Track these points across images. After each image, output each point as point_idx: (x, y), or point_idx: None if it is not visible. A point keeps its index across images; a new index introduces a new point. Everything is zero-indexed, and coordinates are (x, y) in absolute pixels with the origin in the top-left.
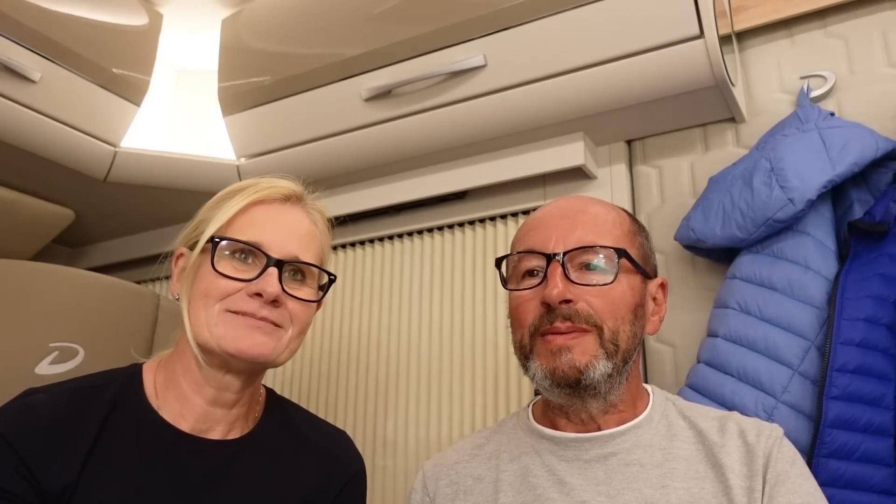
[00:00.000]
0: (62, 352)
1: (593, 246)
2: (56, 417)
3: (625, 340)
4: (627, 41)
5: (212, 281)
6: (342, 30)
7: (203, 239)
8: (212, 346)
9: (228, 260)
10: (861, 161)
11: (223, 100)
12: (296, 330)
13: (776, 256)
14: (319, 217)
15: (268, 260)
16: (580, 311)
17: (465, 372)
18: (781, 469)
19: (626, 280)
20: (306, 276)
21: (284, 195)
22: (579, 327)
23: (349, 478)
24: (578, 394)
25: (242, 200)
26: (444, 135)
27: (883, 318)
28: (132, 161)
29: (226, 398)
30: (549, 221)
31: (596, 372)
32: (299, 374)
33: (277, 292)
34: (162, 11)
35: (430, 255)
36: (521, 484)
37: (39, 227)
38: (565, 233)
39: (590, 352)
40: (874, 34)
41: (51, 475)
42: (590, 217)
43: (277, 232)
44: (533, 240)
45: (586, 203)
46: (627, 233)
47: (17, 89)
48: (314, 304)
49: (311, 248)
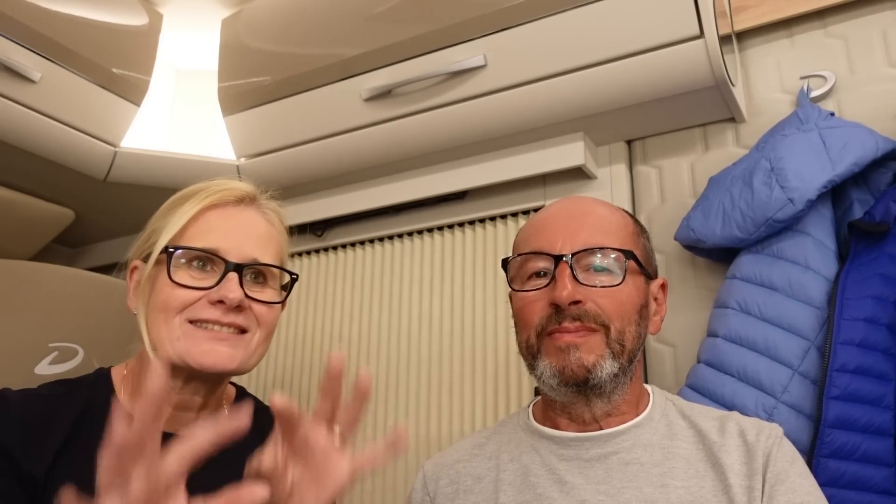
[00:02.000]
0: (62, 352)
1: (602, 248)
2: (28, 415)
3: (630, 340)
4: (627, 41)
5: (170, 293)
6: (342, 30)
7: (157, 250)
8: (175, 361)
9: (185, 269)
10: (861, 161)
11: (223, 100)
12: (262, 333)
13: (776, 256)
14: (275, 217)
15: (226, 265)
16: (589, 311)
17: (465, 372)
18: (781, 468)
19: (633, 281)
20: (267, 278)
21: (238, 197)
22: (588, 326)
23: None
24: (584, 393)
25: (195, 206)
26: (444, 135)
27: (883, 318)
28: (132, 161)
29: (193, 402)
30: (554, 223)
31: (603, 371)
32: (298, 375)
33: (240, 297)
34: (162, 11)
35: (430, 255)
36: (521, 483)
37: (39, 227)
38: (572, 234)
39: (597, 350)
40: (874, 34)
41: (27, 467)
42: (596, 219)
43: (233, 236)
44: (539, 241)
45: (591, 204)
46: (632, 234)
47: (17, 89)
48: (279, 305)
49: (269, 249)
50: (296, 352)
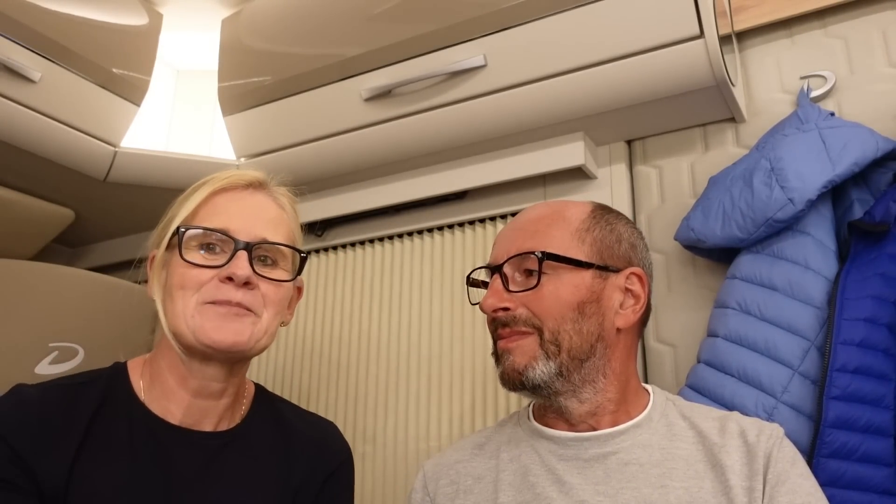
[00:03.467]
0: (62, 352)
1: (520, 253)
2: (46, 412)
3: (567, 339)
4: (627, 41)
5: (183, 272)
6: (342, 30)
7: (169, 233)
8: (189, 339)
9: (197, 250)
10: (861, 161)
11: (223, 100)
12: (270, 313)
13: (776, 256)
14: (286, 200)
15: (236, 244)
16: (518, 315)
17: (464, 372)
18: (782, 469)
19: (558, 279)
20: (278, 260)
21: (247, 182)
22: (518, 330)
23: (336, 466)
24: (535, 394)
25: (205, 191)
26: (444, 135)
27: (883, 317)
28: (132, 161)
29: (211, 388)
30: (501, 236)
31: (535, 372)
32: (298, 375)
33: (248, 274)
34: (162, 11)
35: (430, 255)
36: (520, 483)
37: (39, 227)
38: (508, 244)
39: (529, 353)
40: (874, 34)
41: (44, 468)
42: (530, 222)
43: (243, 217)
44: (491, 256)
45: (537, 209)
46: (575, 231)
47: (17, 89)
48: (289, 285)
49: (280, 230)
50: (295, 351)
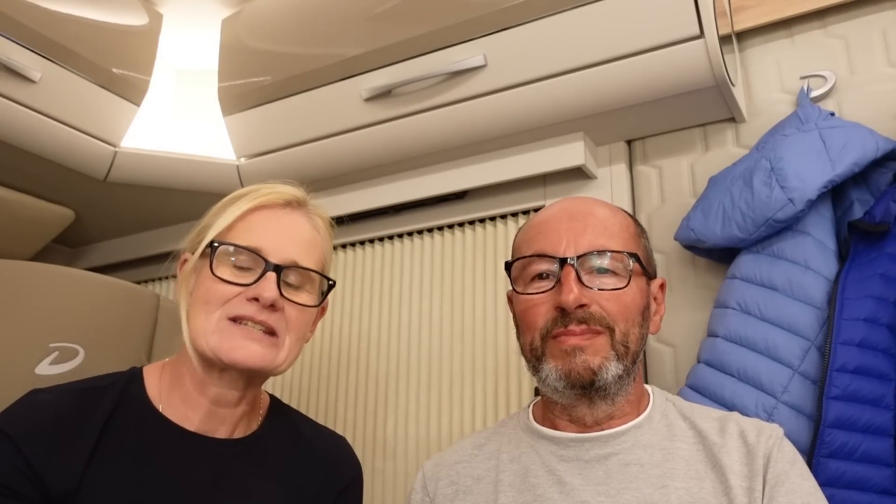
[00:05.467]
0: (62, 352)
1: (607, 250)
2: (60, 418)
3: (634, 342)
4: (627, 41)
5: (210, 286)
6: (342, 30)
7: (203, 244)
8: (208, 355)
9: (227, 265)
10: (861, 161)
11: (223, 100)
12: (293, 337)
13: (776, 256)
14: (322, 223)
15: (266, 265)
16: (594, 313)
17: (465, 372)
18: (782, 469)
19: (636, 283)
20: (305, 283)
21: (286, 200)
22: (593, 329)
23: (349, 481)
24: (589, 395)
25: (244, 206)
26: (444, 135)
27: (883, 318)
28: (132, 161)
29: (230, 396)
30: (557, 224)
31: (608, 373)
32: (299, 375)
33: (274, 297)
34: (162, 11)
35: (430, 255)
36: (521, 484)
37: (39, 227)
38: (576, 236)
39: (602, 353)
40: (874, 34)
41: (55, 474)
42: (598, 220)
43: (277, 237)
44: (542, 243)
45: (592, 205)
46: (634, 235)
47: (17, 89)
48: (313, 309)
49: (312, 254)
50: None
